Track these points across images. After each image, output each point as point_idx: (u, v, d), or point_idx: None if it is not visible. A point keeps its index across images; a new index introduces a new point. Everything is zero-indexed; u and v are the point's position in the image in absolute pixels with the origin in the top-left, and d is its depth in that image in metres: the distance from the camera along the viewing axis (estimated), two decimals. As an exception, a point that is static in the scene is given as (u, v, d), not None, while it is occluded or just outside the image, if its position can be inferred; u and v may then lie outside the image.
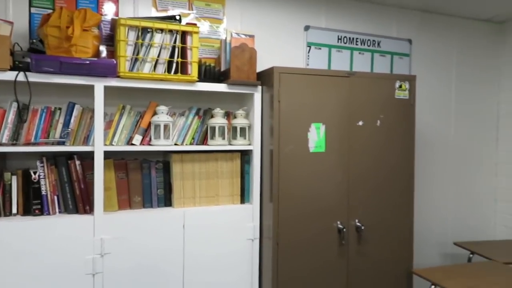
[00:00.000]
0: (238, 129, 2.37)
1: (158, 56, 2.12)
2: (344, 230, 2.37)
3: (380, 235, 2.49)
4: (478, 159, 3.48)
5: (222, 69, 2.40)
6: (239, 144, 2.36)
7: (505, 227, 3.45)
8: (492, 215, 3.55)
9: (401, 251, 2.54)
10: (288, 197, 2.26)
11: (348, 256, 2.40)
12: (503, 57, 3.50)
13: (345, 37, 2.92)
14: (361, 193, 2.43)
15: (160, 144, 2.18)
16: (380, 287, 2.49)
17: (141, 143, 2.20)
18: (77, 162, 2.06)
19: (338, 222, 2.37)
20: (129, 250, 2.10)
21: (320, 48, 2.85)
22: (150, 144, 2.20)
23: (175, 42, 2.14)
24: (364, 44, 2.98)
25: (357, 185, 2.42)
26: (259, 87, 2.36)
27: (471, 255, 2.88)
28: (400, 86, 2.48)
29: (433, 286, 2.30)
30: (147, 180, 2.23)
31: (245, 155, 2.43)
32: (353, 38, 2.95)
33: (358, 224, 2.41)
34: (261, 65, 2.64)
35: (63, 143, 2.05)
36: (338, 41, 2.90)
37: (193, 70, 2.17)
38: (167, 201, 2.28)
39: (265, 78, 2.34)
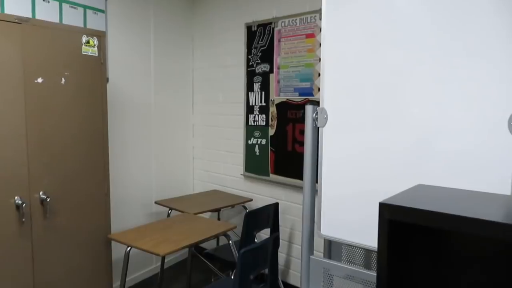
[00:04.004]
0: None
1: None
2: (24, 205, 2.03)
3: (73, 205, 2.27)
4: (178, 121, 3.72)
5: None
6: None
7: (200, 181, 3.88)
8: (191, 171, 3.92)
9: (98, 218, 2.42)
10: None
11: (32, 234, 2.08)
12: (194, 26, 3.79)
13: (22, -23, 2.44)
14: (45, 161, 2.12)
15: None
16: (77, 259, 2.30)
17: None
18: None
19: (16, 198, 2.00)
20: None
21: (-15, -15, 2.27)
22: None
23: None
24: (49, -9, 2.58)
25: (39, 153, 2.09)
26: None
27: (169, 211, 3.08)
28: (88, 42, 2.27)
29: (128, 248, 2.30)
30: None
31: None
32: (35, -19, 2.50)
33: (42, 196, 2.11)
34: None
35: None
36: (13, -19, 2.39)
37: None
38: None
39: None
